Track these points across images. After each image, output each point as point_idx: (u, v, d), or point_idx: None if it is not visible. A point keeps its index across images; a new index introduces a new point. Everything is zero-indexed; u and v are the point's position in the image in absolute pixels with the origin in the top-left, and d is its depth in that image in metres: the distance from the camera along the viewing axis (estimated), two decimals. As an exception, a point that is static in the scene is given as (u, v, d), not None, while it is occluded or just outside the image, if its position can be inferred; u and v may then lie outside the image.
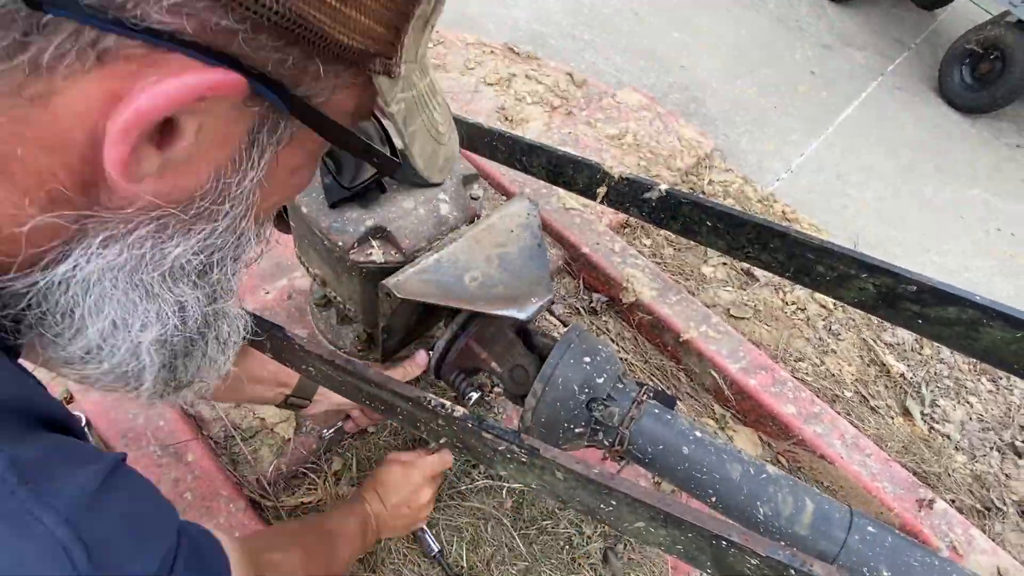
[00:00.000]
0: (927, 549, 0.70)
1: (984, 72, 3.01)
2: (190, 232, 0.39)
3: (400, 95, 0.43)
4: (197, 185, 0.37)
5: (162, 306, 0.41)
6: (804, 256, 0.88)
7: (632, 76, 2.61)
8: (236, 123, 0.36)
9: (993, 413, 1.65)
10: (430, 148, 0.51)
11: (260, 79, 0.34)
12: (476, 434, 0.66)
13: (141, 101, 0.30)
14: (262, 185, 0.41)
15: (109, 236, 0.37)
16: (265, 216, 0.48)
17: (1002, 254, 2.35)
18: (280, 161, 0.41)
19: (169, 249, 0.39)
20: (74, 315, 0.39)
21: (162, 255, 0.39)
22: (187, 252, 0.40)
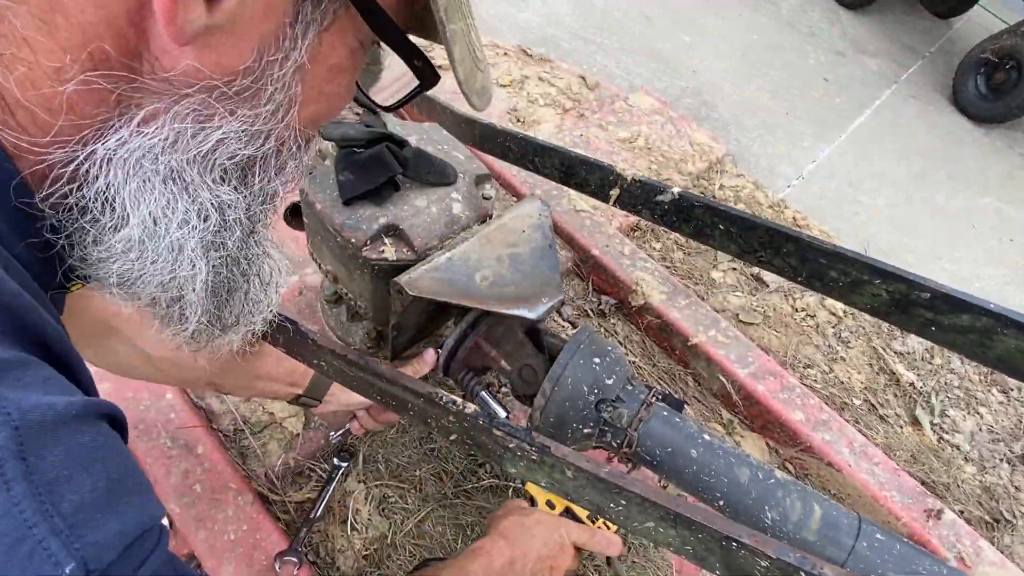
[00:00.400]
0: (935, 558, 0.70)
1: (999, 82, 2.99)
2: (234, 114, 0.38)
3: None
4: (240, 59, 0.36)
5: (203, 204, 0.39)
6: (817, 261, 0.88)
7: (644, 79, 2.61)
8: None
9: (1003, 424, 1.64)
10: (469, 63, 0.48)
11: None
12: (487, 431, 0.66)
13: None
14: (303, 78, 0.40)
15: (151, 111, 0.35)
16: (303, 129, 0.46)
17: (1015, 263, 2.33)
18: (321, 51, 0.40)
19: (211, 130, 0.37)
20: (115, 202, 0.37)
21: (204, 136, 0.37)
22: (230, 137, 0.38)
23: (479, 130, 1.22)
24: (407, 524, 1.14)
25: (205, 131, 0.37)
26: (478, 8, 0.47)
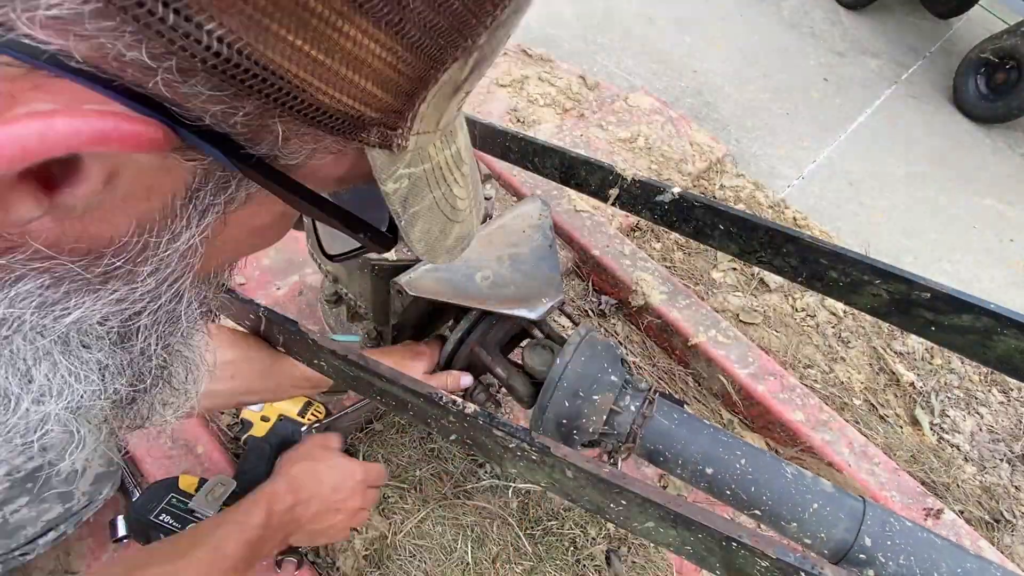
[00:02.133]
0: (941, 536, 0.70)
1: (1000, 82, 2.99)
2: (98, 292, 0.30)
3: (403, 171, 0.34)
4: (111, 237, 0.28)
5: (65, 376, 0.32)
6: (817, 261, 0.88)
7: (644, 80, 2.61)
8: (167, 174, 0.27)
9: (1003, 424, 1.64)
10: (438, 228, 0.41)
11: (196, 132, 0.24)
12: (487, 431, 0.67)
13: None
14: (208, 244, 0.31)
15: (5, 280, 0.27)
16: (215, 272, 0.38)
17: (1016, 264, 2.33)
18: (233, 223, 0.32)
19: (67, 310, 0.29)
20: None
21: (55, 317, 0.29)
22: (93, 315, 0.30)
23: (479, 130, 1.22)
24: (407, 524, 1.14)
25: (56, 312, 0.29)
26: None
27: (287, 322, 0.79)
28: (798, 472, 0.76)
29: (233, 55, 0.22)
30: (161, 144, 0.24)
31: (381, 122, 0.29)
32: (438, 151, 0.37)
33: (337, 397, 1.02)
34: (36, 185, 0.24)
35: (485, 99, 2.01)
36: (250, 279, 1.40)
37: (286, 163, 0.29)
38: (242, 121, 0.25)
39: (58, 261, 0.27)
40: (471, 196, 0.44)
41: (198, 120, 0.24)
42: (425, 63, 0.28)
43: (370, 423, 1.27)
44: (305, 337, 0.77)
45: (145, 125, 0.23)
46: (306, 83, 0.24)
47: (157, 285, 0.31)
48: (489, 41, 0.30)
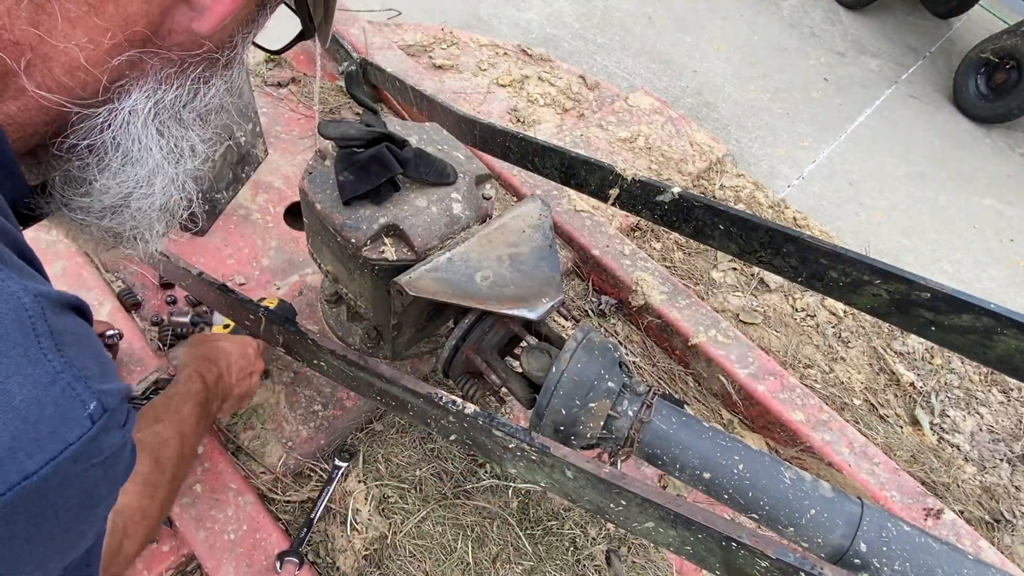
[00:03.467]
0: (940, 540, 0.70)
1: (999, 82, 2.99)
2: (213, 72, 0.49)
3: None
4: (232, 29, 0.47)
5: (196, 142, 0.50)
6: (817, 261, 0.88)
7: (644, 80, 2.61)
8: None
9: (1003, 424, 1.64)
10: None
11: None
12: (487, 431, 0.67)
13: None
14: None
15: (164, 76, 0.45)
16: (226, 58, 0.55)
17: (1015, 264, 2.33)
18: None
19: (191, 93, 0.47)
20: (130, 149, 0.46)
21: (192, 95, 0.48)
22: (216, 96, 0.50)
23: (479, 130, 1.22)
24: (407, 524, 1.14)
25: (187, 91, 0.47)
26: (480, 8, 0.46)
27: (287, 322, 0.79)
28: (797, 476, 0.76)
29: None
30: None
31: None
32: None
33: None
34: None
35: (485, 99, 2.01)
36: (250, 279, 1.40)
37: None
38: None
39: (208, 52, 0.47)
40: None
41: None
42: None
43: (370, 423, 1.27)
44: (305, 337, 0.77)
45: None
46: None
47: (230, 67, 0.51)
48: None
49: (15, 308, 0.32)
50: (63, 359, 0.33)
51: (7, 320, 0.31)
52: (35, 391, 0.32)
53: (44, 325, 0.33)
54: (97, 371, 0.36)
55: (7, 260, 0.34)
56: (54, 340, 0.33)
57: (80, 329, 0.38)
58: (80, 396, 0.34)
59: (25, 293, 0.33)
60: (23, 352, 0.31)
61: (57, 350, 0.33)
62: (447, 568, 1.11)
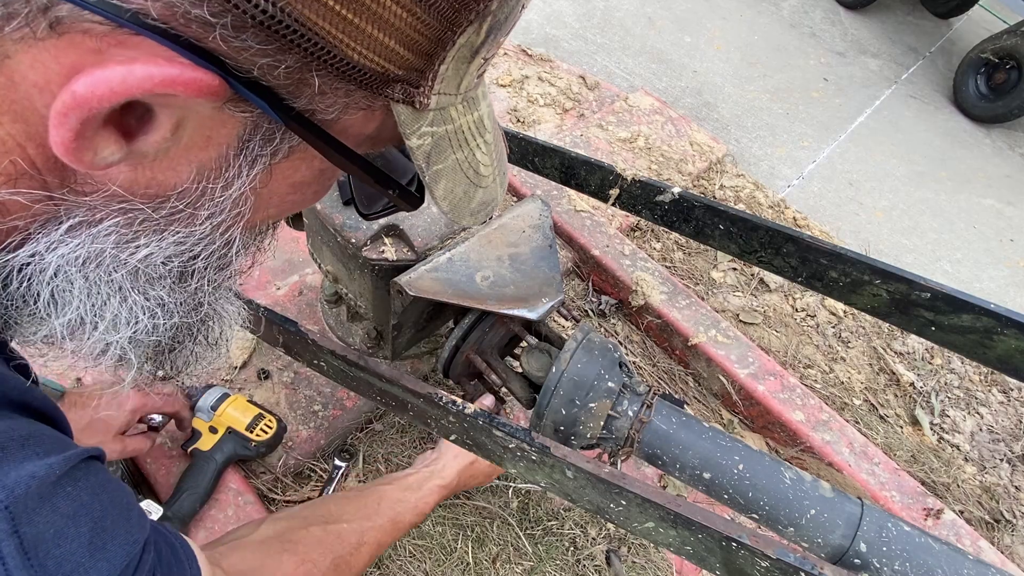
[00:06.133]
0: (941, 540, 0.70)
1: (999, 82, 2.99)
2: (163, 233, 0.35)
3: (426, 129, 0.37)
4: (175, 182, 0.33)
5: (133, 306, 0.38)
6: (817, 261, 0.88)
7: (644, 80, 2.61)
8: (223, 126, 0.32)
9: (1004, 424, 1.64)
10: (461, 189, 0.44)
11: (246, 83, 0.29)
12: (487, 431, 0.67)
13: (79, 85, 0.27)
14: (255, 196, 0.36)
15: (77, 223, 0.34)
16: (261, 226, 0.43)
17: (1016, 264, 2.33)
18: (277, 173, 0.36)
19: (136, 247, 0.35)
20: (36, 304, 0.36)
21: (129, 253, 0.35)
22: (158, 255, 0.36)
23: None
24: (407, 524, 1.14)
25: (129, 249, 0.35)
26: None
27: (287, 322, 0.79)
28: (797, 476, 0.76)
29: (278, 13, 0.26)
30: (217, 91, 0.29)
31: (404, 79, 0.33)
32: (460, 115, 0.40)
33: None
34: (118, 133, 0.30)
35: (485, 99, 2.01)
36: (250, 279, 1.40)
37: (323, 118, 0.34)
38: (284, 73, 0.29)
39: (132, 203, 0.33)
40: (495, 164, 0.47)
41: (248, 72, 0.29)
42: (442, 24, 0.32)
43: (370, 423, 1.27)
44: (305, 337, 0.77)
45: (205, 73, 0.28)
46: (339, 40, 0.29)
47: (212, 230, 0.36)
48: (501, 7, 0.33)
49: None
50: (31, 574, 0.31)
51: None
52: None
53: (12, 542, 0.30)
54: (84, 556, 0.34)
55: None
56: (24, 555, 0.31)
57: (72, 504, 0.35)
58: None
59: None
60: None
61: (27, 565, 0.31)
62: (447, 568, 1.11)
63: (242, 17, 0.26)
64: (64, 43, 0.27)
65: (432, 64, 0.34)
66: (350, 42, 0.29)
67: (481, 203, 0.47)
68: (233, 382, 1.21)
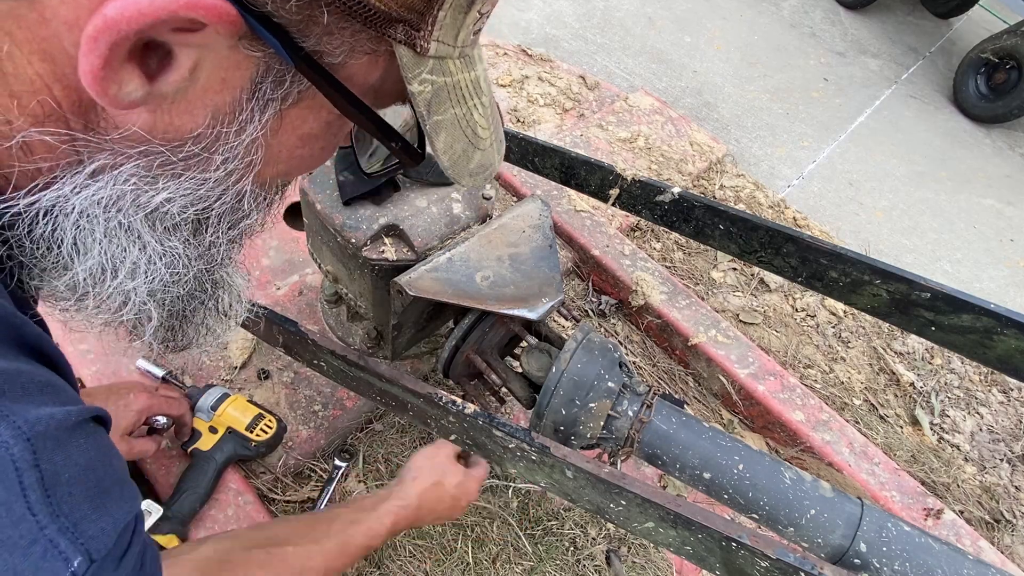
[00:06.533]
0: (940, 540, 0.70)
1: (999, 82, 2.99)
2: (180, 177, 0.37)
3: (427, 76, 0.39)
4: (191, 126, 0.35)
5: (152, 255, 0.39)
6: (817, 261, 0.88)
7: (644, 80, 2.61)
8: (237, 68, 0.34)
9: (1004, 424, 1.64)
10: (460, 147, 0.45)
11: (259, 18, 0.31)
12: (487, 431, 0.67)
13: (109, 9, 0.28)
14: (266, 145, 0.38)
15: (100, 166, 0.35)
16: (271, 182, 0.44)
17: (1016, 265, 2.33)
18: (287, 122, 0.38)
19: (156, 191, 0.36)
20: (60, 249, 0.37)
21: (149, 196, 0.36)
22: (175, 198, 0.37)
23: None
24: (407, 524, 1.14)
25: (149, 192, 0.36)
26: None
27: (287, 322, 0.79)
28: (797, 476, 0.76)
29: None
30: (234, 22, 0.30)
31: (405, 20, 0.35)
32: (458, 71, 0.42)
33: None
34: (140, 71, 0.31)
35: (485, 99, 2.01)
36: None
37: (330, 61, 0.35)
38: (295, 6, 0.31)
39: (151, 146, 0.35)
40: (491, 129, 0.48)
41: (262, 6, 0.31)
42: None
43: (370, 423, 1.27)
44: (305, 337, 0.77)
45: (221, 4, 0.29)
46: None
47: (226, 176, 0.38)
48: None
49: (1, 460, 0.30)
50: (50, 509, 0.31)
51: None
52: (13, 557, 0.30)
53: (33, 474, 0.31)
54: (89, 509, 0.34)
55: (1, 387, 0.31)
56: (44, 489, 0.31)
57: (83, 455, 0.35)
58: (63, 553, 0.31)
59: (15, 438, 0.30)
60: (6, 511, 0.30)
61: (46, 500, 0.31)
62: (447, 568, 1.11)
63: None
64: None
65: (431, 8, 0.35)
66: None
67: (480, 165, 0.48)
68: (233, 382, 1.21)
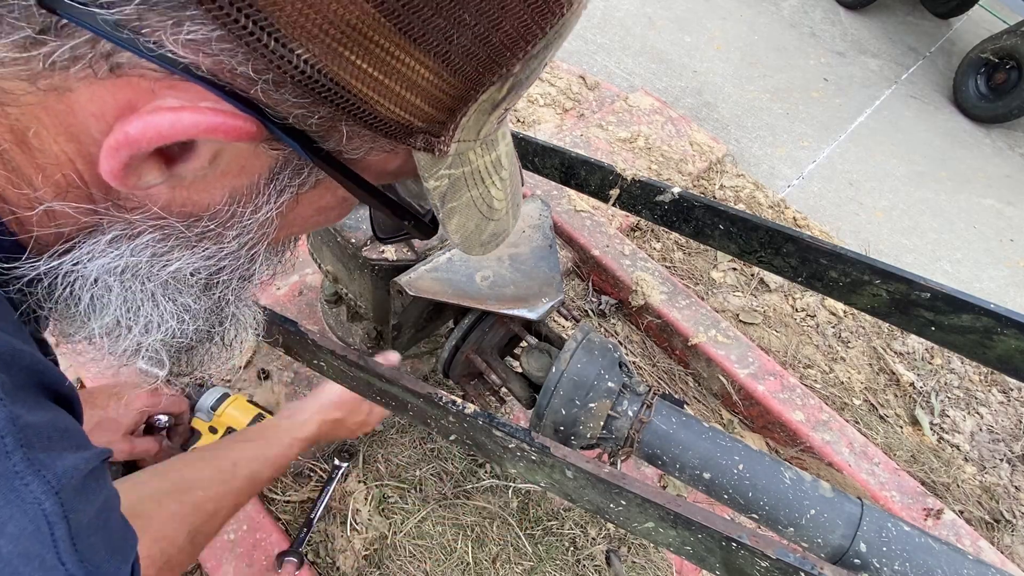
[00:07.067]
0: (940, 540, 0.70)
1: (999, 82, 2.99)
2: (194, 248, 0.39)
3: (444, 172, 0.40)
4: (209, 202, 0.36)
5: (164, 313, 0.41)
6: (817, 261, 0.88)
7: (644, 80, 2.61)
8: (256, 158, 0.35)
9: (1003, 424, 1.64)
10: (474, 223, 0.46)
11: (281, 127, 0.32)
12: (487, 431, 0.66)
13: (131, 128, 0.30)
14: (281, 217, 0.39)
15: (117, 236, 0.37)
16: (284, 243, 0.47)
17: (1015, 264, 2.33)
18: (303, 200, 0.40)
19: (170, 260, 0.38)
20: (77, 307, 0.39)
21: (162, 265, 0.38)
22: (188, 267, 0.39)
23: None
24: (407, 524, 1.14)
25: (163, 260, 0.38)
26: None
27: (287, 322, 0.79)
28: (797, 476, 0.76)
29: (314, 74, 0.29)
30: (254, 135, 0.32)
31: (426, 130, 0.36)
32: (478, 156, 0.43)
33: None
34: (161, 159, 0.32)
35: (485, 99, 2.01)
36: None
37: (348, 157, 0.36)
38: (316, 122, 0.33)
39: (167, 221, 0.36)
40: (508, 198, 0.49)
41: (284, 119, 0.32)
42: (466, 85, 0.34)
43: (370, 423, 1.27)
44: (305, 337, 0.77)
45: (244, 121, 0.31)
46: (368, 97, 0.31)
47: (239, 248, 0.40)
48: (524, 69, 0.35)
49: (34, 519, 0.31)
50: (77, 557, 0.33)
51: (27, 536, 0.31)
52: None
53: (62, 527, 0.32)
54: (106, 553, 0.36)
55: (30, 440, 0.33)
56: (71, 540, 0.33)
57: (98, 498, 0.37)
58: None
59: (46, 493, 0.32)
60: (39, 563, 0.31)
61: (73, 550, 0.33)
62: (447, 568, 1.11)
63: (282, 76, 0.29)
64: (122, 83, 0.30)
65: (454, 118, 0.36)
66: (379, 99, 0.32)
67: (492, 235, 0.50)
68: (233, 382, 1.21)
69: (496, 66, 0.34)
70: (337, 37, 0.28)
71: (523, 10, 0.32)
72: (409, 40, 0.30)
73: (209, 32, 0.27)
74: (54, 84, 0.30)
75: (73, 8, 0.27)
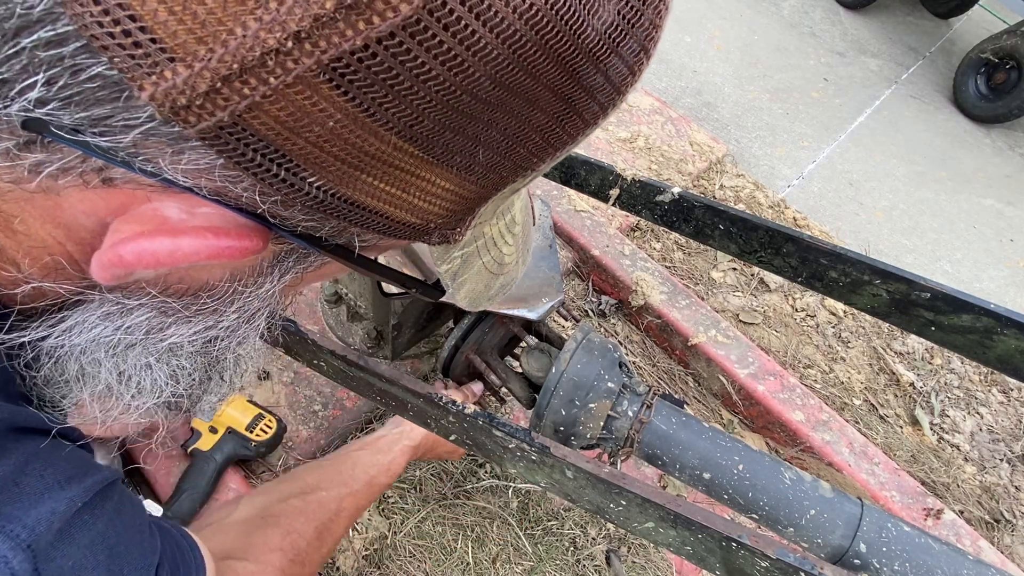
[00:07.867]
0: (941, 540, 0.70)
1: (999, 82, 2.99)
2: (191, 321, 0.37)
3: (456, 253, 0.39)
4: (208, 282, 0.35)
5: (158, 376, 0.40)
6: (817, 261, 0.88)
7: (644, 80, 2.61)
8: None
9: (1003, 424, 1.64)
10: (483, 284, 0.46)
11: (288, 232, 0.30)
12: (486, 431, 0.66)
13: (126, 252, 0.28)
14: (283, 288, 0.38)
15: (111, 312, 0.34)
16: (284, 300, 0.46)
17: (1016, 264, 2.33)
18: (307, 277, 0.39)
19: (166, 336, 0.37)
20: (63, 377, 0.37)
21: (158, 340, 0.37)
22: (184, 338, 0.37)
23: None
24: (407, 524, 1.14)
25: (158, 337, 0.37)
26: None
27: (287, 322, 0.79)
28: (797, 476, 0.76)
29: (327, 198, 0.27)
30: (260, 249, 0.30)
31: (441, 227, 0.34)
32: (492, 226, 0.41)
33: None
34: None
35: (485, 99, 2.01)
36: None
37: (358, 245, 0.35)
38: (327, 230, 0.31)
39: (163, 299, 0.34)
40: (519, 248, 0.48)
41: (292, 227, 0.30)
42: (488, 190, 0.32)
43: (370, 423, 1.27)
44: (305, 337, 0.77)
45: (250, 241, 0.29)
46: (384, 210, 0.29)
47: (238, 319, 0.38)
48: (546, 166, 0.34)
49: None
50: None
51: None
52: None
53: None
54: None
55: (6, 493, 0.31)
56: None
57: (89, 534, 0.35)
58: None
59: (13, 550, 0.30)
60: None
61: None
62: (447, 568, 1.11)
63: (291, 199, 0.27)
64: (113, 191, 0.28)
65: (473, 212, 0.35)
66: (395, 211, 0.30)
67: (501, 287, 0.49)
68: (233, 382, 1.21)
69: (521, 171, 0.32)
70: (354, 164, 0.26)
71: (552, 123, 0.30)
72: (431, 159, 0.28)
73: (213, 160, 0.25)
74: (41, 187, 0.28)
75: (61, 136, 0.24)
